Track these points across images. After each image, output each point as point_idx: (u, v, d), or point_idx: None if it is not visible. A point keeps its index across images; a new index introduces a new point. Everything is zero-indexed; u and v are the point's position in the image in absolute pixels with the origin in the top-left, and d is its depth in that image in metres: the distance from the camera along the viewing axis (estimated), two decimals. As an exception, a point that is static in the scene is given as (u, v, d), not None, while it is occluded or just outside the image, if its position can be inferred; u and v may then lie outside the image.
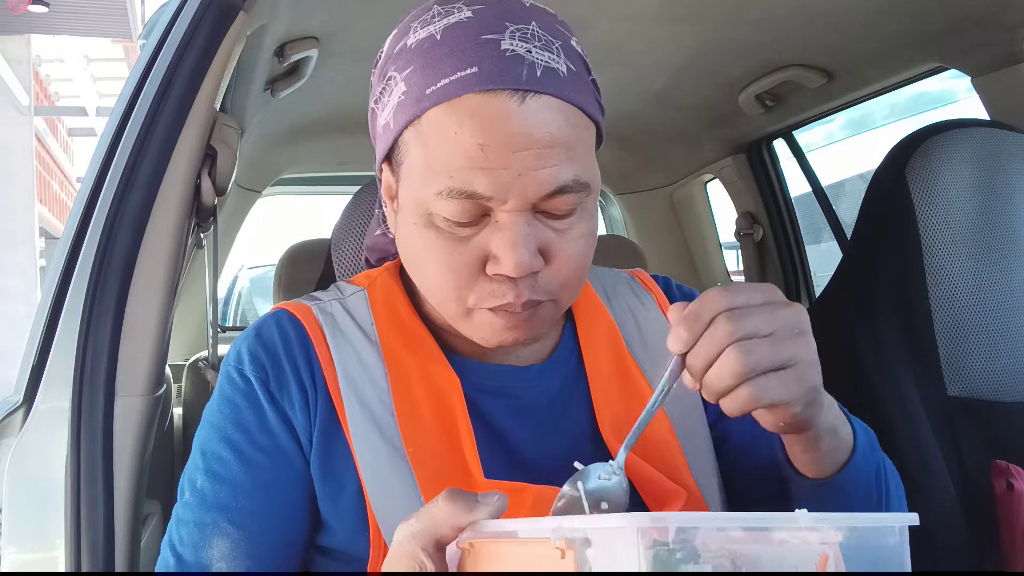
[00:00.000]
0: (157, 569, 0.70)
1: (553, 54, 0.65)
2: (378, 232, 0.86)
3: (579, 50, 0.69)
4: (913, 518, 0.47)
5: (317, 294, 0.81)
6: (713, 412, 0.80)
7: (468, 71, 0.63)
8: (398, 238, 0.74)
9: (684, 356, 0.56)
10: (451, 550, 0.50)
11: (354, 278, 0.83)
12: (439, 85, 0.64)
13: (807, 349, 0.57)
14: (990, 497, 1.13)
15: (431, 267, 0.68)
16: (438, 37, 0.65)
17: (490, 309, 0.67)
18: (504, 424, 0.74)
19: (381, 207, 0.84)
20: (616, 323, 0.82)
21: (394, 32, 0.71)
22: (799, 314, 0.57)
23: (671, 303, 0.85)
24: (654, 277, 0.89)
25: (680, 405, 0.78)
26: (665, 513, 0.41)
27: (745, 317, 0.55)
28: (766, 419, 0.59)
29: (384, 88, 0.70)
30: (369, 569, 0.68)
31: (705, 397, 0.57)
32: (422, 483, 0.68)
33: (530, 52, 0.63)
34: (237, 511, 0.69)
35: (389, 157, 0.71)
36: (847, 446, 0.67)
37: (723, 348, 0.54)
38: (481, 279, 0.66)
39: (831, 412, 0.64)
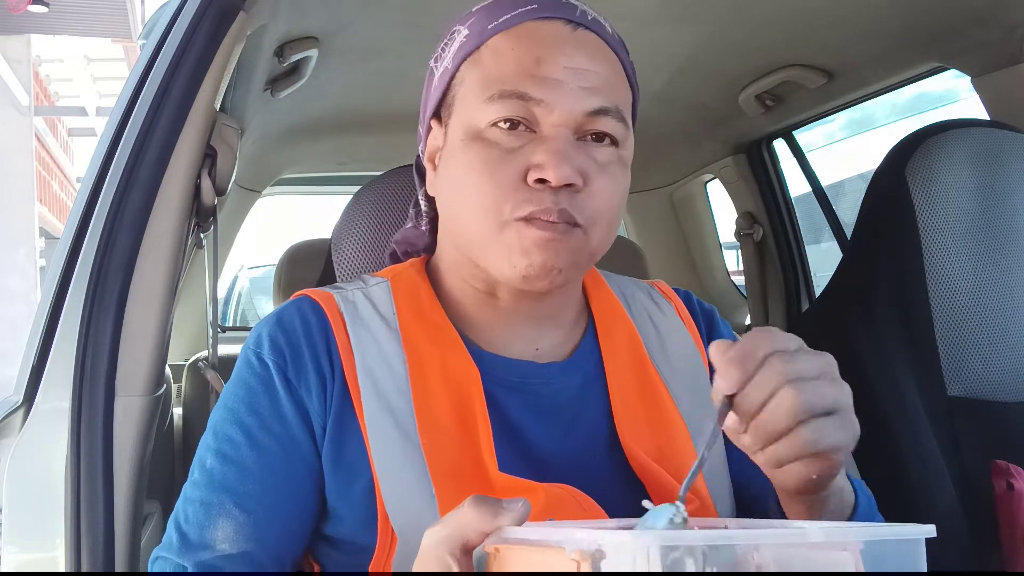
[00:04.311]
0: (162, 545, 0.71)
1: (600, 17, 0.76)
2: (410, 225, 0.87)
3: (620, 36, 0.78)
4: (930, 530, 0.46)
5: (341, 283, 0.82)
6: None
7: (528, 7, 0.73)
8: (440, 178, 0.76)
9: (731, 398, 0.55)
10: (478, 553, 0.51)
11: (379, 272, 0.84)
12: (500, 20, 0.73)
13: (847, 395, 0.56)
14: (990, 497, 1.13)
15: (473, 181, 0.70)
16: None
17: (525, 220, 0.68)
18: (520, 420, 0.74)
19: (416, 205, 0.86)
20: (636, 327, 0.82)
21: None
22: (832, 362, 0.57)
23: (692, 315, 0.86)
24: (675, 290, 0.89)
25: (699, 415, 0.77)
26: (680, 532, 0.41)
27: (794, 359, 0.54)
28: (800, 472, 0.56)
29: (447, 42, 0.77)
30: (375, 560, 0.68)
31: (750, 442, 0.56)
32: (434, 474, 0.68)
33: (581, 4, 0.75)
34: (243, 495, 0.69)
35: (439, 108, 0.77)
36: (849, 507, 0.65)
37: (776, 389, 0.54)
38: (521, 188, 0.69)
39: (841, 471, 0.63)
